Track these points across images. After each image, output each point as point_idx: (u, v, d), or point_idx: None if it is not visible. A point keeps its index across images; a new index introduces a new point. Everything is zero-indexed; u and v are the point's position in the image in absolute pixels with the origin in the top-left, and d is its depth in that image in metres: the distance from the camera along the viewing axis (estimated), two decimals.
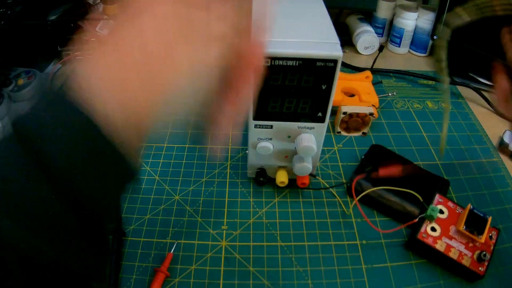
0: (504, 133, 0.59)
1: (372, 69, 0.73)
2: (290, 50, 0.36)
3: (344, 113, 0.57)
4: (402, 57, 0.83)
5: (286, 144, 0.45)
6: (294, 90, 0.39)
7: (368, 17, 0.86)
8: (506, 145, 0.57)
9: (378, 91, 0.66)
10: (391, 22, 0.82)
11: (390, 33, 0.83)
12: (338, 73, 0.37)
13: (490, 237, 0.42)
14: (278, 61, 0.36)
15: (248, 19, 0.26)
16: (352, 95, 0.65)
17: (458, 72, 0.74)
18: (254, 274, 0.42)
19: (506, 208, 0.50)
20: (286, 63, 0.37)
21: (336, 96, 0.61)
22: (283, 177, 0.48)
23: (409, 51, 0.84)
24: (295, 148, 0.43)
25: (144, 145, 0.25)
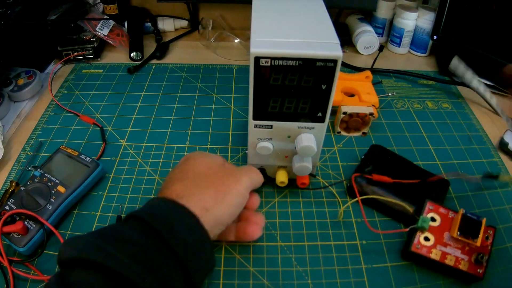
0: (505, 132, 0.59)
1: (372, 69, 0.73)
2: (290, 50, 0.36)
3: (344, 113, 0.57)
4: (402, 57, 0.83)
5: (286, 144, 0.45)
6: (294, 90, 0.39)
7: (368, 17, 0.86)
8: (506, 144, 0.57)
9: (378, 91, 0.66)
10: (391, 22, 0.82)
11: (390, 33, 0.83)
12: (338, 73, 0.37)
13: (487, 237, 0.42)
14: (278, 61, 0.36)
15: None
16: (352, 95, 0.65)
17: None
18: (254, 274, 0.42)
19: (506, 208, 0.50)
20: (286, 63, 0.37)
21: (336, 96, 0.61)
22: (283, 177, 0.48)
23: (409, 51, 0.84)
24: (295, 148, 0.43)
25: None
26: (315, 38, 0.38)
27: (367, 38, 0.80)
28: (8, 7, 0.64)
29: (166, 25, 0.88)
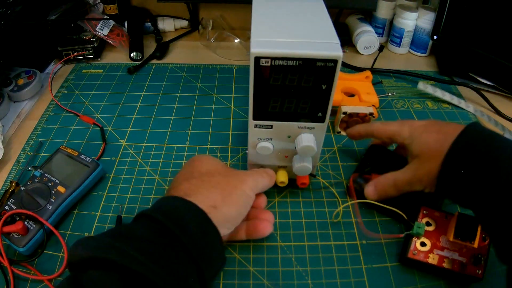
0: (504, 133, 0.59)
1: (372, 69, 0.73)
2: (290, 50, 0.36)
3: (344, 113, 0.57)
4: (402, 57, 0.83)
5: (286, 144, 0.45)
6: (294, 90, 0.39)
7: (368, 17, 0.86)
8: None
9: (378, 91, 0.66)
10: (391, 22, 0.82)
11: (390, 33, 0.83)
12: (338, 73, 0.37)
13: (483, 238, 0.41)
14: (278, 61, 0.36)
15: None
16: (352, 95, 0.65)
17: (458, 72, 0.74)
18: (254, 274, 0.42)
19: None
20: (286, 63, 0.37)
21: (336, 96, 0.61)
22: (283, 177, 0.48)
23: (409, 51, 0.84)
24: (295, 148, 0.43)
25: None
26: (315, 38, 0.38)
27: (367, 38, 0.80)
28: (8, 7, 0.64)
29: (166, 25, 0.88)
